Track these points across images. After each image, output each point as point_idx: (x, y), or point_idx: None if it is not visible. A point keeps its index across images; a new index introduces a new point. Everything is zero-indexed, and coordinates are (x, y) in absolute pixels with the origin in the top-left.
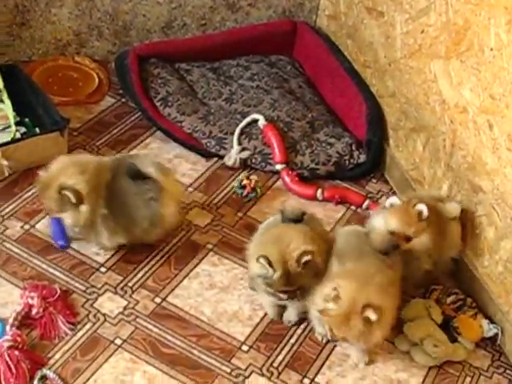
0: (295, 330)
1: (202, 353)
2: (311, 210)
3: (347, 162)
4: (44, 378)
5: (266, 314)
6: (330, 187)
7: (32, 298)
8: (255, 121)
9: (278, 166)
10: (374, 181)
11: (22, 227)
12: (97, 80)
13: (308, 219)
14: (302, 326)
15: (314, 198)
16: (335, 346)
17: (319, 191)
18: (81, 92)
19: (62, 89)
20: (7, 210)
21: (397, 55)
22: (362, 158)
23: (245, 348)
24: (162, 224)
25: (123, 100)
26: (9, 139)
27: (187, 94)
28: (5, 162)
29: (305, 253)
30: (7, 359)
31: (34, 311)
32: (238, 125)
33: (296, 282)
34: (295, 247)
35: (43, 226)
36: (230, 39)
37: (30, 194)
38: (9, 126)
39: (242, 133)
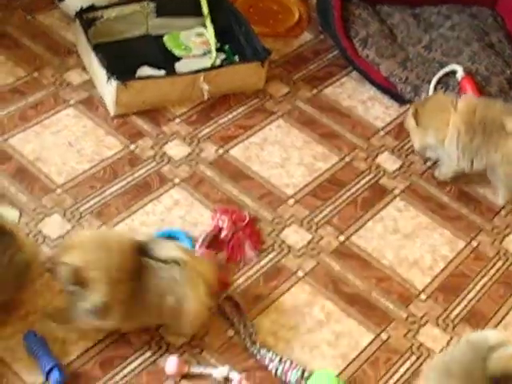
0: (474, 286)
1: (381, 295)
2: None
3: None
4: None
5: (446, 266)
6: None
7: (223, 220)
8: (452, 71)
9: None
10: None
11: (216, 151)
12: (297, 14)
13: None
14: (481, 283)
15: None
16: None
17: None
18: (280, 25)
19: (261, 20)
20: (203, 132)
21: None
22: None
23: (423, 297)
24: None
25: (321, 37)
26: (208, 64)
27: (387, 37)
28: (206, 86)
29: None
30: None
31: (224, 234)
32: (434, 73)
33: None
34: None
35: (236, 153)
36: None
37: (226, 119)
38: (209, 52)
39: (438, 82)
